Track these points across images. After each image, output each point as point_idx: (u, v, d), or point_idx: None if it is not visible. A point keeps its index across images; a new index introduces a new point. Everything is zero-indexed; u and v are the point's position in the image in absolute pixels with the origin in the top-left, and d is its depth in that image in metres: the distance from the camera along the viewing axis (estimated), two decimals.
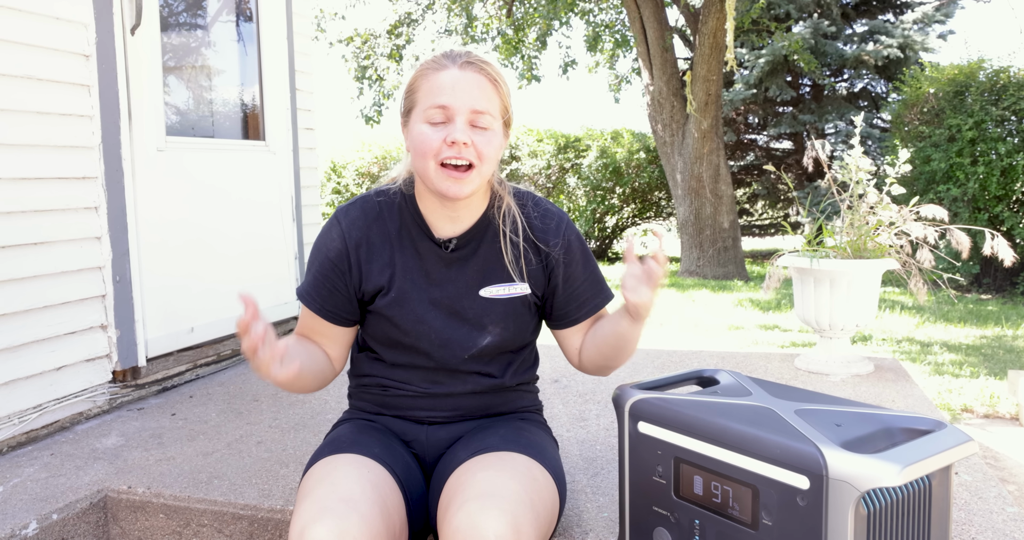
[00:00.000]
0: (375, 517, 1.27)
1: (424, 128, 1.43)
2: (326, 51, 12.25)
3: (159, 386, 2.86)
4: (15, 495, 1.95)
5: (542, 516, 1.30)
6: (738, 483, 1.14)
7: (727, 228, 9.49)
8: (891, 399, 2.52)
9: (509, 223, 1.56)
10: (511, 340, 1.58)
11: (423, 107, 1.43)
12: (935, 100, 7.98)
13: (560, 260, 1.57)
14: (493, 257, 1.56)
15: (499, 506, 1.21)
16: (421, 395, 1.58)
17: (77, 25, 2.55)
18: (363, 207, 1.57)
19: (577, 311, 1.60)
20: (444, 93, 1.41)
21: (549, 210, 1.61)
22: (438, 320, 1.54)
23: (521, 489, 1.28)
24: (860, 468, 0.99)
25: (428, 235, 1.55)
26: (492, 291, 1.55)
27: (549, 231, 1.58)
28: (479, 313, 1.55)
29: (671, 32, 9.58)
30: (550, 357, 3.25)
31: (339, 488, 1.30)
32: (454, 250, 1.55)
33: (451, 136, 1.40)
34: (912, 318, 6.06)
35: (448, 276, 1.55)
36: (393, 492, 1.39)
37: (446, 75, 1.42)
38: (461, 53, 1.46)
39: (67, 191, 2.50)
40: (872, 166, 2.83)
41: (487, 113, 1.43)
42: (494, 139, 1.45)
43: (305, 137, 3.81)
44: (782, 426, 1.13)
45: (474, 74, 1.43)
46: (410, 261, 1.54)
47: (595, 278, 1.62)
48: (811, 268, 2.74)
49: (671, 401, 1.28)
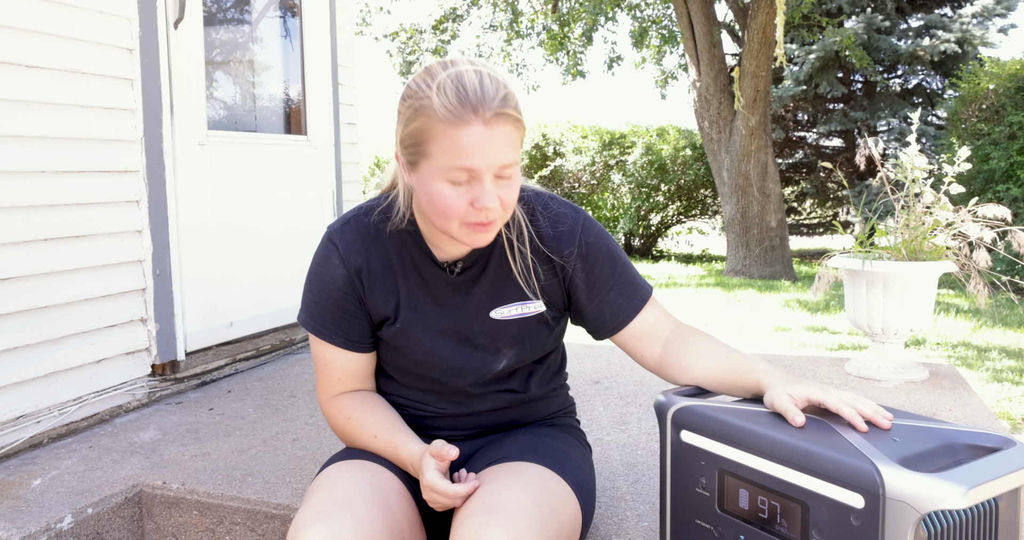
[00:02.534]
0: (373, 519, 1.21)
1: (444, 189, 1.23)
2: (372, 46, 12.33)
3: (197, 380, 2.86)
4: (52, 488, 1.95)
5: (553, 529, 1.22)
6: (787, 499, 1.07)
7: (774, 227, 9.32)
8: (948, 408, 2.41)
9: (516, 235, 1.41)
10: (528, 358, 1.47)
11: (440, 166, 1.22)
12: (995, 96, 7.74)
13: (579, 267, 1.42)
14: (502, 275, 1.42)
15: (499, 522, 1.14)
16: (439, 415, 1.50)
17: (121, 19, 2.55)
18: (357, 228, 1.41)
19: (613, 319, 1.44)
20: (469, 155, 1.19)
21: (561, 213, 1.43)
22: (448, 349, 1.42)
23: (528, 502, 1.20)
24: (921, 488, 0.92)
25: (431, 258, 1.40)
26: (503, 312, 1.42)
27: (562, 239, 1.42)
28: (492, 337, 1.43)
29: (719, 27, 9.43)
30: (591, 357, 3.19)
31: (336, 491, 1.25)
32: (460, 273, 1.41)
33: (480, 202, 1.22)
34: (968, 322, 5.87)
35: (455, 300, 1.41)
36: (402, 498, 1.32)
37: (470, 134, 1.19)
38: (480, 98, 1.19)
39: (109, 184, 2.50)
40: (929, 164, 2.72)
41: (513, 163, 1.24)
42: (515, 182, 1.27)
43: (347, 132, 3.80)
44: (834, 439, 1.06)
45: (502, 127, 1.21)
46: (414, 287, 1.41)
47: (627, 278, 1.45)
48: (863, 270, 2.64)
49: (716, 409, 1.21)
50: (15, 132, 2.22)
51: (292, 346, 3.39)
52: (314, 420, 2.43)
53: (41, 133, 2.29)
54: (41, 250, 2.29)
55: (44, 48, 2.30)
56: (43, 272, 2.29)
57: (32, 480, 2.01)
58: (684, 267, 10.87)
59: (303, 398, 2.67)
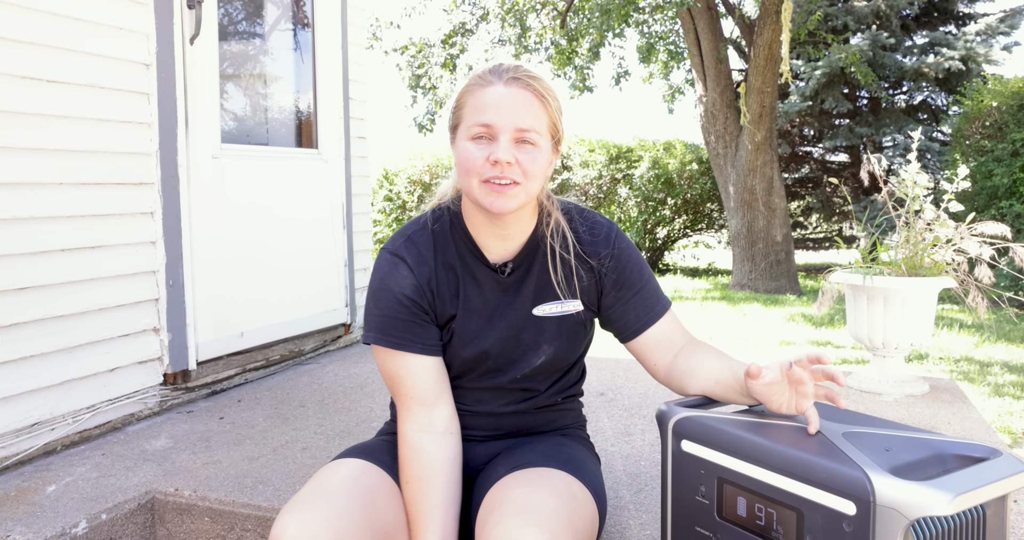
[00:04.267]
0: (352, 510, 1.27)
1: (468, 146, 1.40)
2: (381, 59, 12.35)
3: (208, 389, 2.91)
4: (67, 494, 1.99)
5: (580, 533, 1.28)
6: (783, 506, 1.11)
7: (780, 241, 9.35)
8: (947, 421, 2.44)
9: (559, 240, 1.54)
10: (563, 357, 1.57)
11: (467, 124, 1.41)
12: (998, 113, 7.78)
13: (611, 268, 1.55)
14: (545, 276, 1.54)
15: (537, 522, 1.20)
16: (464, 414, 1.57)
17: (139, 35, 2.61)
18: (420, 240, 1.53)
19: (637, 321, 1.55)
20: (488, 111, 1.38)
21: (597, 222, 1.59)
22: (497, 346, 1.52)
23: (560, 506, 1.27)
24: (909, 495, 0.96)
25: (483, 261, 1.53)
26: (545, 309, 1.53)
27: (599, 243, 1.56)
28: (535, 333, 1.54)
29: (725, 43, 9.50)
30: (597, 370, 3.23)
31: (321, 483, 1.33)
32: (510, 273, 1.54)
33: (494, 155, 1.37)
34: (971, 337, 5.89)
35: (505, 300, 1.54)
36: (390, 495, 1.39)
37: (491, 92, 1.39)
38: (509, 68, 1.42)
39: (125, 196, 2.56)
40: (930, 182, 2.76)
41: (533, 130, 1.39)
42: (540, 157, 1.41)
43: (357, 145, 3.85)
44: (829, 449, 1.10)
45: (520, 90, 1.39)
46: (471, 288, 1.53)
47: (652, 287, 1.58)
48: (864, 285, 2.68)
49: (716, 420, 1.26)
50: (35, 145, 2.27)
51: (301, 356, 3.44)
52: (323, 429, 2.47)
53: (60, 146, 2.35)
54: (58, 260, 2.34)
55: (64, 63, 2.36)
56: (59, 282, 2.35)
57: (47, 486, 2.05)
58: (690, 281, 10.90)
59: (312, 408, 2.71)
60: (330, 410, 2.69)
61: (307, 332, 3.48)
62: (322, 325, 3.57)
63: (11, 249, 2.21)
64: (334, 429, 2.47)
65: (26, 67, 2.25)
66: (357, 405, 2.74)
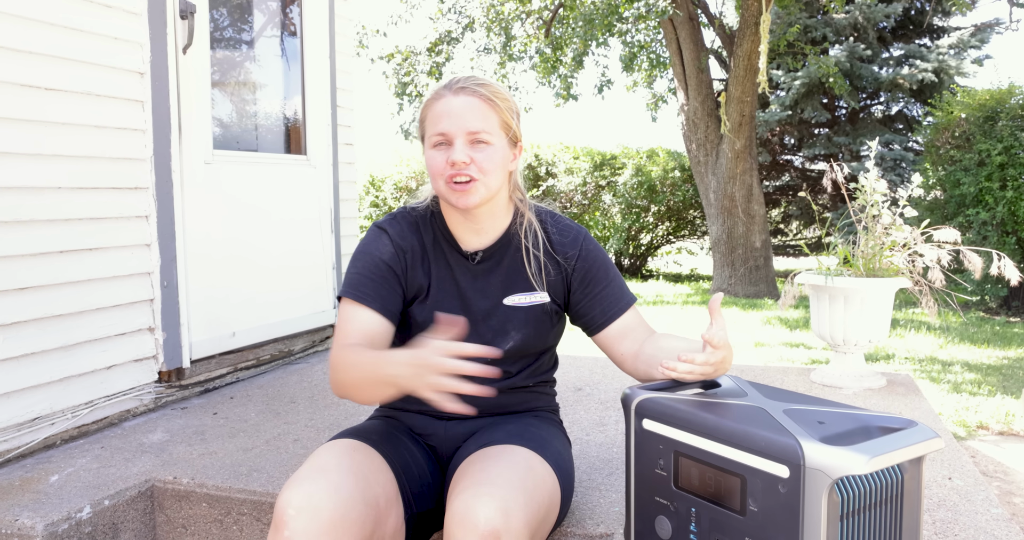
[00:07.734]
0: (349, 486, 1.39)
1: (432, 153, 1.60)
2: (368, 67, 12.45)
3: (201, 387, 3.02)
4: (70, 482, 2.10)
5: (535, 500, 1.41)
6: (729, 473, 1.25)
7: (759, 247, 9.53)
8: (898, 411, 2.59)
9: (531, 237, 1.72)
10: (532, 344, 1.72)
11: (429, 134, 1.61)
12: (966, 125, 7.99)
13: (578, 267, 1.72)
14: (516, 268, 1.71)
15: (490, 493, 1.33)
16: None
17: (134, 44, 2.73)
18: (404, 220, 1.72)
19: (603, 314, 1.71)
20: (442, 120, 1.57)
21: (568, 225, 1.76)
22: (466, 328, 1.68)
23: (515, 477, 1.40)
24: (832, 458, 1.10)
25: (456, 248, 1.71)
26: (515, 299, 1.70)
27: (567, 244, 1.73)
28: (503, 320, 1.69)
29: (707, 53, 9.69)
30: (575, 367, 3.36)
31: (318, 462, 1.45)
32: (480, 262, 1.70)
33: (451, 157, 1.56)
34: (937, 339, 6.08)
35: (475, 286, 1.70)
36: (379, 471, 1.50)
37: (443, 104, 1.59)
38: (459, 79, 1.61)
39: (120, 200, 2.67)
40: (892, 189, 2.92)
41: (483, 131, 1.57)
42: (495, 153, 1.59)
43: (344, 152, 3.98)
44: (770, 423, 1.24)
45: (468, 97, 1.58)
46: (442, 271, 1.70)
47: (617, 284, 1.74)
48: (826, 285, 2.83)
49: (673, 400, 1.39)
50: (34, 150, 2.39)
51: (290, 356, 3.55)
52: (314, 423, 2.59)
53: (58, 151, 2.46)
54: (57, 262, 2.45)
55: (62, 72, 2.48)
56: (58, 282, 2.46)
57: (50, 476, 2.16)
58: (672, 286, 11.07)
59: (302, 404, 2.83)
60: (319, 405, 2.80)
61: (296, 333, 3.59)
62: (311, 326, 3.69)
63: (12, 251, 2.32)
64: (324, 422, 2.59)
65: (25, 75, 2.36)
66: (346, 401, 2.86)
